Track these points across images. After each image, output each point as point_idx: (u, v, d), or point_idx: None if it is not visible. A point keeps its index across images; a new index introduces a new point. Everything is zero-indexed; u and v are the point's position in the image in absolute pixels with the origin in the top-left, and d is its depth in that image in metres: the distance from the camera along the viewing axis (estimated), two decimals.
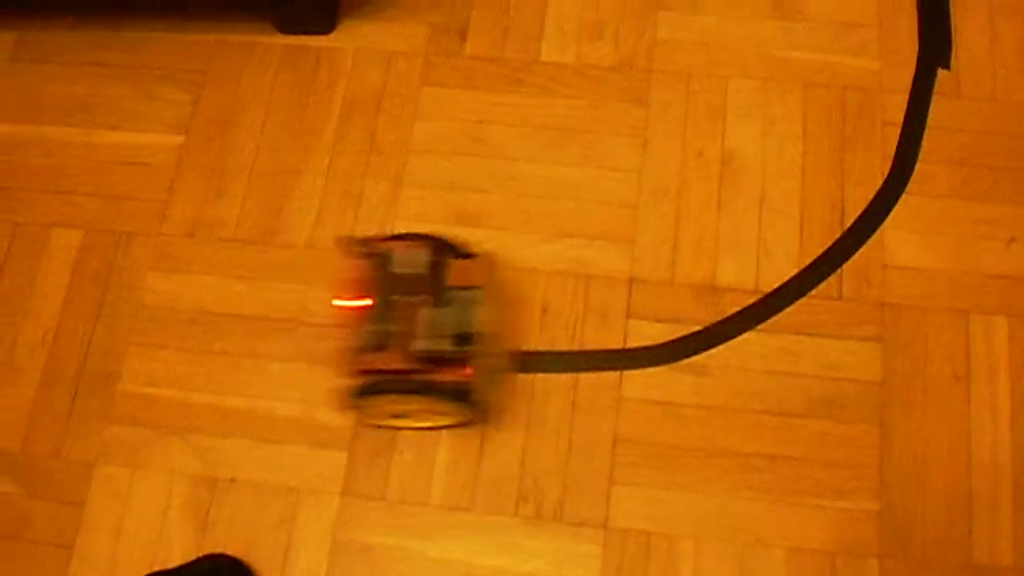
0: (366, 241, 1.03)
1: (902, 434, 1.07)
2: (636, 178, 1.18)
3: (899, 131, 1.19)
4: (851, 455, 1.06)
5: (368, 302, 1.00)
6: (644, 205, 1.16)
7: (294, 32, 1.28)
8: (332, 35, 1.28)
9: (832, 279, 1.13)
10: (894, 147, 1.18)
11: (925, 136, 1.19)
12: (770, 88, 1.21)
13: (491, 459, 1.07)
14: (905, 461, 1.06)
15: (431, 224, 1.17)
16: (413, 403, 1.02)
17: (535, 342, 1.12)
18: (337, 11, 1.28)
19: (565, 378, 1.10)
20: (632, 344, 1.12)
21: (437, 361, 0.98)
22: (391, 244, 1.01)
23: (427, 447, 1.08)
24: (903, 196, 1.16)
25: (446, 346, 0.98)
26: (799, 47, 1.24)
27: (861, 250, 1.13)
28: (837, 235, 1.14)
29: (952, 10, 1.25)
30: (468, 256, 1.03)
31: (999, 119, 1.19)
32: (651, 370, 1.11)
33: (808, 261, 1.13)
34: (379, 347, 0.99)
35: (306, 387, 1.11)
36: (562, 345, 1.12)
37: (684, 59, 1.23)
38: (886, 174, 1.17)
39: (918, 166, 1.17)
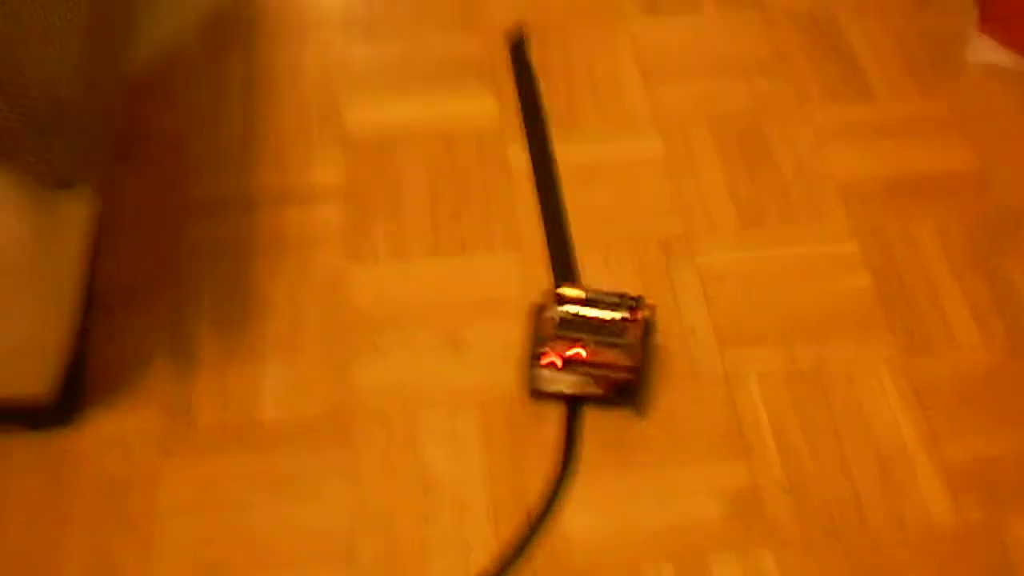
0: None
1: None
2: (353, 509, 1.39)
3: (562, 427, 1.44)
4: None
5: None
6: (361, 531, 1.37)
7: (41, 429, 1.47)
8: (74, 428, 1.46)
9: (523, 560, 1.34)
10: (561, 440, 1.43)
11: (583, 424, 1.45)
12: (454, 412, 1.46)
13: None
14: None
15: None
16: None
17: None
18: (77, 406, 1.48)
19: None
20: None
21: None
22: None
23: None
24: (573, 478, 1.40)
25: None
26: (470, 372, 1.50)
27: (546, 529, 1.36)
28: (525, 524, 1.37)
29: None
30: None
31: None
32: None
33: (504, 551, 1.35)
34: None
35: None
36: None
37: (380, 400, 1.47)
38: (557, 464, 1.42)
39: (582, 452, 1.43)
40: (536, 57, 1.84)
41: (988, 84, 1.82)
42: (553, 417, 1.43)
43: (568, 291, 1.45)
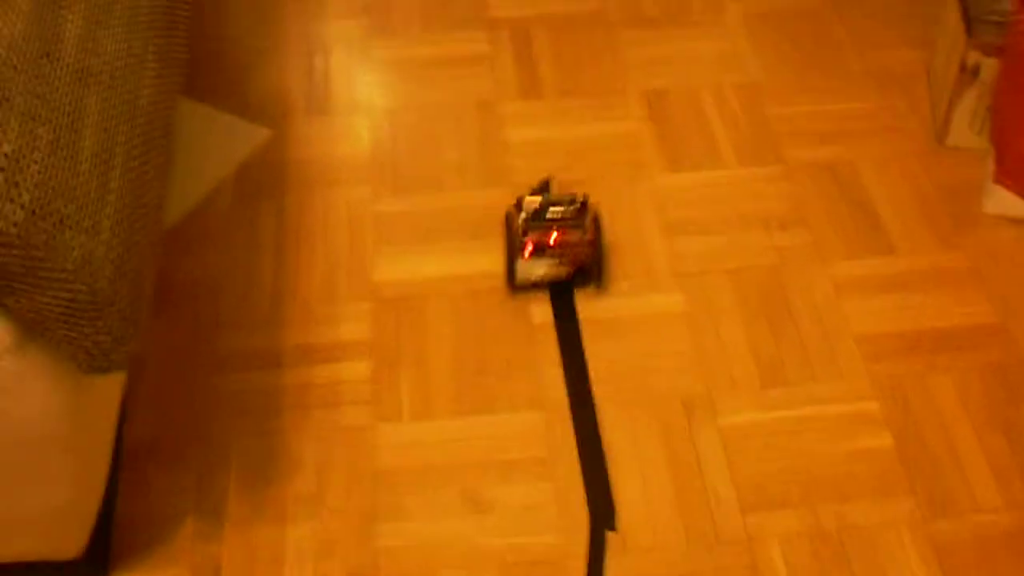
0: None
1: None
2: None
3: None
4: None
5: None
6: None
7: None
8: None
9: None
10: None
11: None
12: (475, 575, 1.47)
13: None
14: None
15: None
16: None
17: None
18: (105, 563, 1.50)
19: None
20: None
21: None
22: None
23: None
24: None
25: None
26: (493, 534, 1.51)
27: None
28: None
29: (611, 477, 1.56)
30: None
31: (661, 564, 1.48)
32: None
33: None
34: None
35: None
36: None
37: (403, 561, 1.49)
38: None
39: None
40: None
41: (1006, 236, 1.85)
42: None
43: (528, 199, 1.78)
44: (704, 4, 2.31)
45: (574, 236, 1.73)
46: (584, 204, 1.77)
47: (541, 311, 1.75)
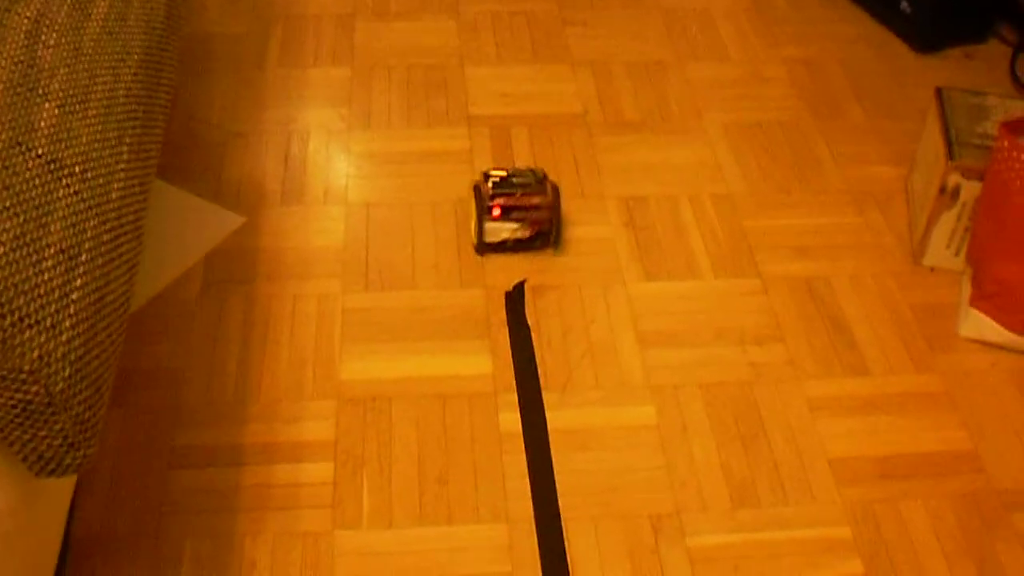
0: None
1: None
2: None
3: None
4: None
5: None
6: None
7: None
8: None
9: None
10: None
11: None
12: None
13: None
14: None
15: None
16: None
17: None
18: None
19: None
20: None
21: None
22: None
23: None
24: None
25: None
26: None
27: None
28: None
29: None
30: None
31: None
32: None
33: None
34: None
35: None
36: None
37: None
38: None
39: None
40: (533, 316, 1.86)
41: (980, 361, 1.84)
42: None
43: (495, 171, 1.97)
44: (684, 111, 2.31)
45: (536, 200, 1.93)
46: (545, 176, 1.97)
47: (510, 419, 1.71)
